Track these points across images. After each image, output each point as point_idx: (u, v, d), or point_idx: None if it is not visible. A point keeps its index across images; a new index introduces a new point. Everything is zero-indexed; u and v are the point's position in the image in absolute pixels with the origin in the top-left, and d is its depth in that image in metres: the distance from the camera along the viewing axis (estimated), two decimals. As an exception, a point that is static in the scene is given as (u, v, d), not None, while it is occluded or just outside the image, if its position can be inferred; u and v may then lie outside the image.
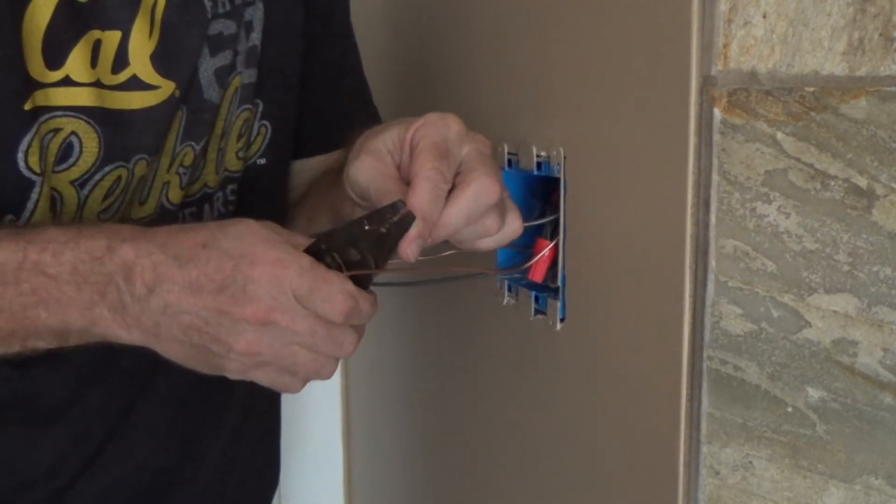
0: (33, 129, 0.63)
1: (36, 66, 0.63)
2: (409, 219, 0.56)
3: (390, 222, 0.56)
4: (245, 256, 0.54)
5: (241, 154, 0.76)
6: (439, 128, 0.59)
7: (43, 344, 0.58)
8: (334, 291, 0.54)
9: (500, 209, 0.60)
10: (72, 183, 0.66)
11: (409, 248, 0.56)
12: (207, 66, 0.71)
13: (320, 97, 0.84)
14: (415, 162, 0.57)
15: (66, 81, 0.64)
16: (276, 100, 0.78)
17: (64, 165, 0.65)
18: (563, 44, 0.68)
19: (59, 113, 0.64)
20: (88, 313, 0.56)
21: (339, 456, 1.24)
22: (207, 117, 0.72)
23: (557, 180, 0.68)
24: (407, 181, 0.59)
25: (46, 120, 0.64)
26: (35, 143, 0.63)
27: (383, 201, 0.57)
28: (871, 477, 0.52)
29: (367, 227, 0.56)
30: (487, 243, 0.62)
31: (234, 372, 0.56)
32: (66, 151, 0.65)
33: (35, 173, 0.64)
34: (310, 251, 0.56)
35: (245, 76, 0.74)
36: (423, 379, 0.99)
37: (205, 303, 0.54)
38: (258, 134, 0.77)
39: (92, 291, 0.56)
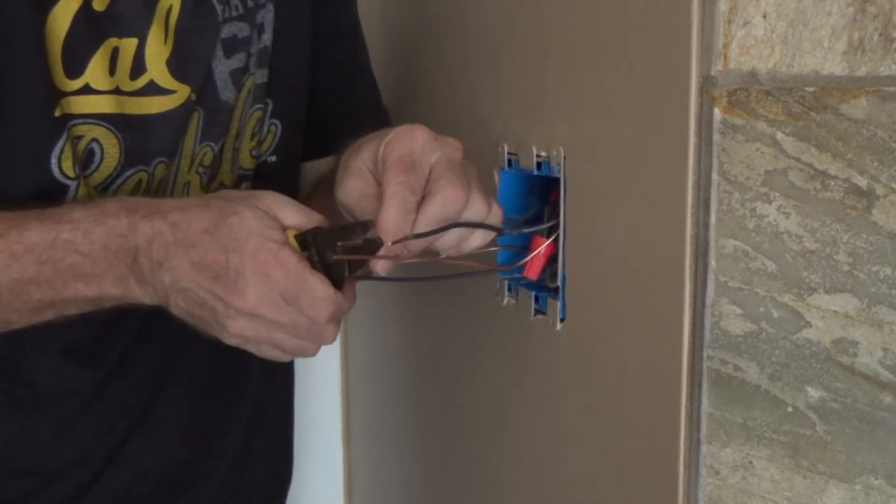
0: (64, 136, 0.65)
1: (57, 75, 0.65)
2: (377, 242, 0.59)
3: (362, 238, 0.60)
4: (237, 251, 0.58)
5: (254, 152, 0.78)
6: (405, 141, 0.61)
7: (76, 310, 0.64)
8: (318, 297, 0.59)
9: (483, 195, 0.62)
10: (95, 188, 0.68)
11: (379, 265, 0.60)
12: (223, 69, 0.73)
13: (331, 99, 0.85)
14: (384, 179, 0.60)
15: (86, 90, 0.66)
16: (286, 99, 0.79)
17: (87, 172, 0.67)
18: (563, 44, 0.68)
19: (80, 120, 0.66)
20: (121, 284, 0.61)
21: (339, 456, 1.24)
22: (224, 118, 0.74)
23: (557, 180, 0.68)
24: None
25: (70, 127, 0.66)
26: (67, 149, 0.66)
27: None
28: (871, 477, 0.52)
29: (343, 238, 0.60)
30: (476, 241, 0.63)
31: (228, 341, 0.62)
32: (87, 158, 0.67)
33: (69, 178, 0.66)
34: (299, 238, 0.60)
35: (257, 76, 0.76)
36: (423, 379, 0.99)
37: (203, 285, 0.59)
38: (269, 132, 0.79)
39: (122, 266, 0.61)
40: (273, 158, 0.80)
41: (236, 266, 0.58)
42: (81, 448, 0.74)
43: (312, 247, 0.60)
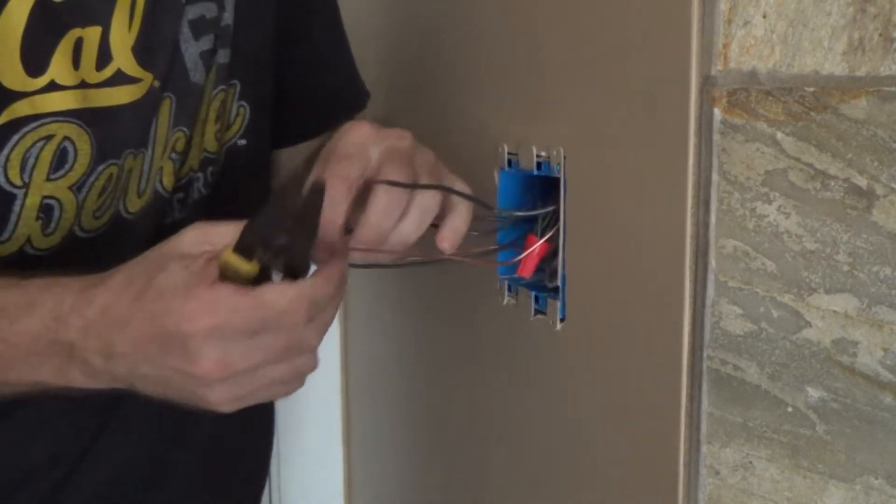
0: (11, 142, 0.62)
1: (15, 75, 0.62)
2: (318, 187, 0.55)
3: (302, 195, 0.55)
4: (170, 313, 0.52)
5: (218, 135, 0.76)
6: (343, 136, 0.61)
7: (11, 392, 0.59)
8: (281, 307, 0.53)
9: (436, 175, 0.62)
10: (70, 188, 0.66)
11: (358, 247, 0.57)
12: (192, 51, 0.71)
13: (307, 80, 0.83)
14: (327, 174, 0.59)
15: (52, 86, 0.63)
16: (253, 80, 0.77)
17: (61, 172, 0.65)
18: (563, 44, 0.68)
19: (49, 119, 0.63)
20: (62, 376, 0.57)
21: (339, 456, 1.24)
22: (194, 101, 0.72)
23: (557, 180, 0.68)
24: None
25: (36, 128, 0.63)
26: (15, 156, 0.63)
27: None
28: (871, 477, 0.52)
29: (288, 203, 0.54)
30: (453, 229, 0.63)
31: (222, 410, 0.56)
32: (60, 158, 0.64)
33: (16, 186, 0.63)
34: (239, 248, 0.53)
35: (220, 56, 0.74)
36: (423, 379, 0.99)
37: (158, 365, 0.54)
38: (237, 115, 0.77)
39: (59, 359, 0.56)
40: (243, 142, 0.78)
41: (176, 330, 0.52)
42: (54, 448, 0.72)
43: (257, 247, 0.53)
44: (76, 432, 0.73)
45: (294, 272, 0.54)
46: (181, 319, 0.52)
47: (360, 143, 0.60)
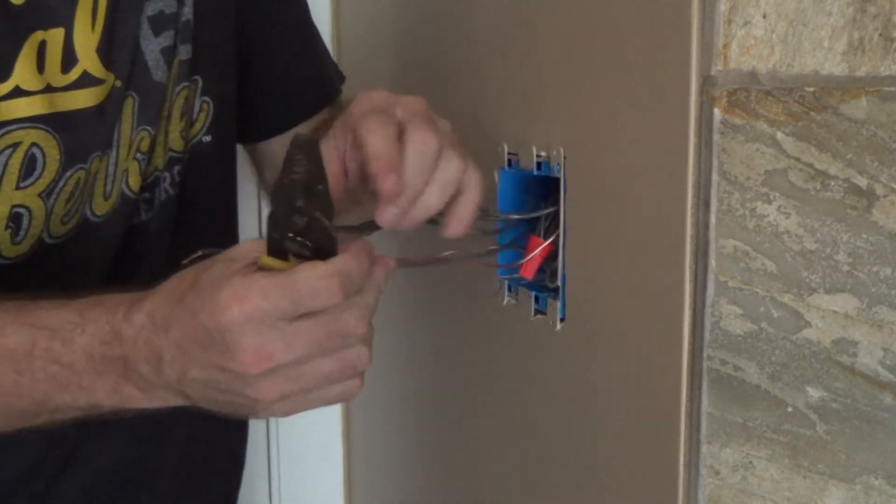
0: None
1: None
2: (309, 147, 0.51)
3: (303, 163, 0.51)
4: (205, 308, 0.51)
5: (183, 133, 0.74)
6: (365, 100, 0.59)
7: (68, 417, 0.58)
8: (313, 281, 0.50)
9: (456, 149, 0.60)
10: (39, 195, 0.65)
11: (385, 214, 0.55)
12: (153, 48, 0.70)
13: (276, 72, 0.82)
14: (358, 129, 0.57)
15: (17, 92, 0.62)
16: (215, 76, 0.76)
17: (30, 180, 0.64)
18: (563, 44, 0.68)
19: (15, 126, 0.62)
20: (116, 395, 0.56)
21: (339, 456, 1.24)
22: (158, 100, 0.71)
23: (557, 180, 0.68)
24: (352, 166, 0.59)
25: (2, 136, 0.62)
26: None
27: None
28: (871, 477, 0.52)
29: (288, 185, 0.51)
30: (468, 199, 0.60)
31: (277, 414, 0.54)
32: (29, 165, 0.63)
33: None
34: (272, 250, 0.52)
35: (182, 52, 0.73)
36: (423, 379, 0.99)
37: (204, 365, 0.52)
38: (201, 111, 0.76)
39: (114, 375, 0.55)
40: (208, 138, 0.76)
41: (211, 323, 0.50)
42: (35, 458, 0.72)
43: (285, 240, 0.52)
44: (56, 441, 0.73)
45: (322, 252, 0.52)
46: (216, 310, 0.50)
47: (384, 104, 0.58)
